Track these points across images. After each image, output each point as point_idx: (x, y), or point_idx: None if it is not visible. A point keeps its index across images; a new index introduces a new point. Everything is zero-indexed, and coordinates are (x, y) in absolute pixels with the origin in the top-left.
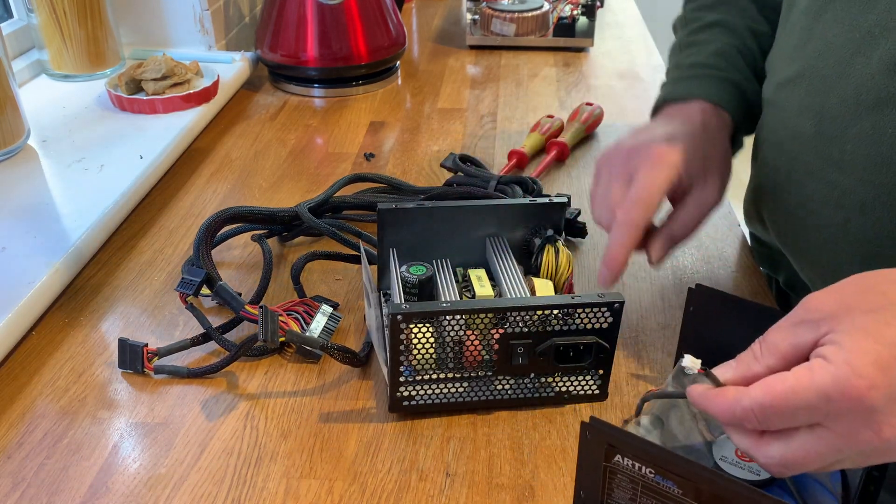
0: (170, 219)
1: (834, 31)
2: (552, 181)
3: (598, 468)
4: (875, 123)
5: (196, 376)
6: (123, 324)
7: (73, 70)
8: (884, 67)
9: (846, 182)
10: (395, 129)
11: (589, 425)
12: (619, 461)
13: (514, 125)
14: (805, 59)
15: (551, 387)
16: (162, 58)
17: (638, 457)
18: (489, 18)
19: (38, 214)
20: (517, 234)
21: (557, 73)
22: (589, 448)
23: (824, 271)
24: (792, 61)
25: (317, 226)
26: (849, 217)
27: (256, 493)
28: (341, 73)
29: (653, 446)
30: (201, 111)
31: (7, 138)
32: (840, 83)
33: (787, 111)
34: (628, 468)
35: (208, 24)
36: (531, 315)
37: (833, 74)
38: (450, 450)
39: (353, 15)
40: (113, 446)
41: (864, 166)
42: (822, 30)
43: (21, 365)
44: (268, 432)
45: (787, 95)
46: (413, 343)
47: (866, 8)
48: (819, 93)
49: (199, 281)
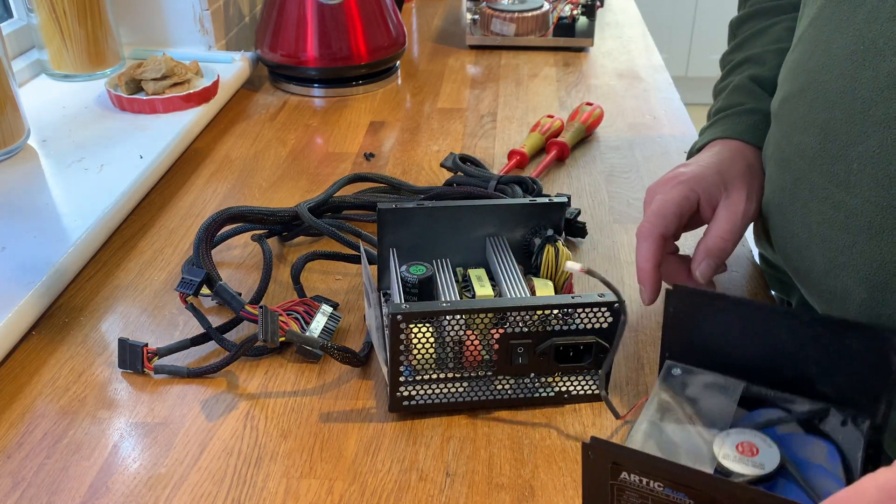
0: (170, 219)
1: (838, 43)
2: (552, 181)
3: (604, 487)
4: (882, 141)
5: (196, 376)
6: (123, 324)
7: (73, 70)
8: (891, 83)
9: (852, 203)
10: (395, 128)
11: (591, 446)
12: (625, 478)
13: (514, 125)
14: (809, 72)
15: (551, 387)
16: (162, 58)
17: (645, 472)
18: (489, 18)
19: (38, 214)
20: (517, 234)
21: (557, 72)
22: (593, 468)
23: (831, 297)
24: (797, 75)
25: (317, 226)
26: (855, 240)
27: (256, 492)
28: (341, 72)
29: (658, 460)
30: (201, 111)
31: (7, 138)
32: (845, 98)
33: (792, 126)
34: (636, 484)
35: (208, 23)
36: (531, 315)
37: (837, 88)
38: (450, 450)
39: (353, 15)
40: (113, 446)
41: (871, 186)
42: (827, 41)
43: (21, 365)
44: (268, 432)
45: (791, 110)
46: (413, 343)
47: (871, 17)
48: (823, 107)
49: (199, 281)
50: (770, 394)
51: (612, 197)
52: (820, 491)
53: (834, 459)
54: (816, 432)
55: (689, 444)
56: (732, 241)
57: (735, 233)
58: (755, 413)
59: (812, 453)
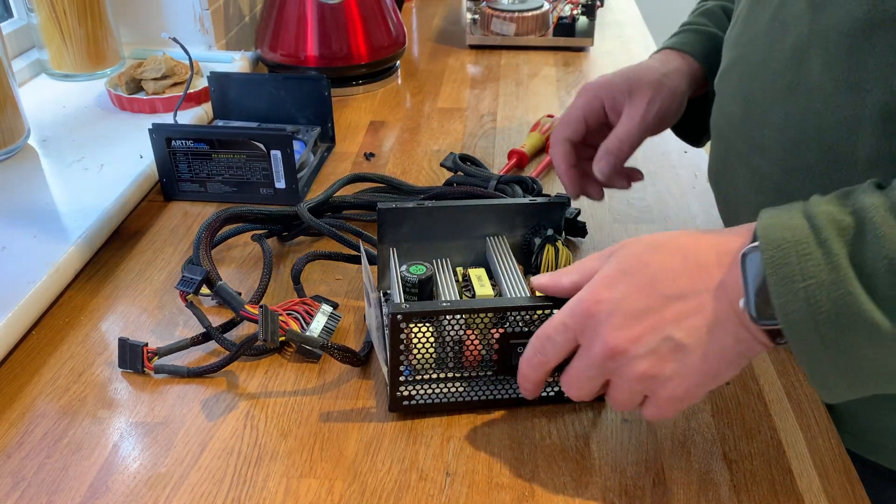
0: (170, 218)
1: (763, 20)
2: (552, 181)
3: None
4: (787, 110)
5: (196, 376)
6: (123, 323)
7: (73, 70)
8: (794, 55)
9: (765, 167)
10: (395, 128)
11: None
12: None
13: (514, 125)
14: (739, 46)
15: (551, 387)
16: (162, 57)
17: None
18: (489, 18)
19: (38, 214)
20: (517, 234)
21: (557, 72)
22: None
23: None
24: (730, 50)
25: (317, 226)
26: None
27: (256, 492)
28: (341, 72)
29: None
30: (201, 111)
31: (7, 138)
32: (762, 70)
33: (724, 98)
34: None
35: (208, 23)
36: (531, 315)
37: (757, 62)
38: (450, 449)
39: (353, 14)
40: (113, 446)
41: (778, 151)
42: (754, 19)
43: (21, 365)
44: (268, 432)
45: (724, 82)
46: (413, 343)
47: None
48: (747, 80)
49: (200, 280)
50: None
51: (612, 196)
52: None
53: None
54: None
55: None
56: (629, 142)
57: (632, 135)
58: None
59: None
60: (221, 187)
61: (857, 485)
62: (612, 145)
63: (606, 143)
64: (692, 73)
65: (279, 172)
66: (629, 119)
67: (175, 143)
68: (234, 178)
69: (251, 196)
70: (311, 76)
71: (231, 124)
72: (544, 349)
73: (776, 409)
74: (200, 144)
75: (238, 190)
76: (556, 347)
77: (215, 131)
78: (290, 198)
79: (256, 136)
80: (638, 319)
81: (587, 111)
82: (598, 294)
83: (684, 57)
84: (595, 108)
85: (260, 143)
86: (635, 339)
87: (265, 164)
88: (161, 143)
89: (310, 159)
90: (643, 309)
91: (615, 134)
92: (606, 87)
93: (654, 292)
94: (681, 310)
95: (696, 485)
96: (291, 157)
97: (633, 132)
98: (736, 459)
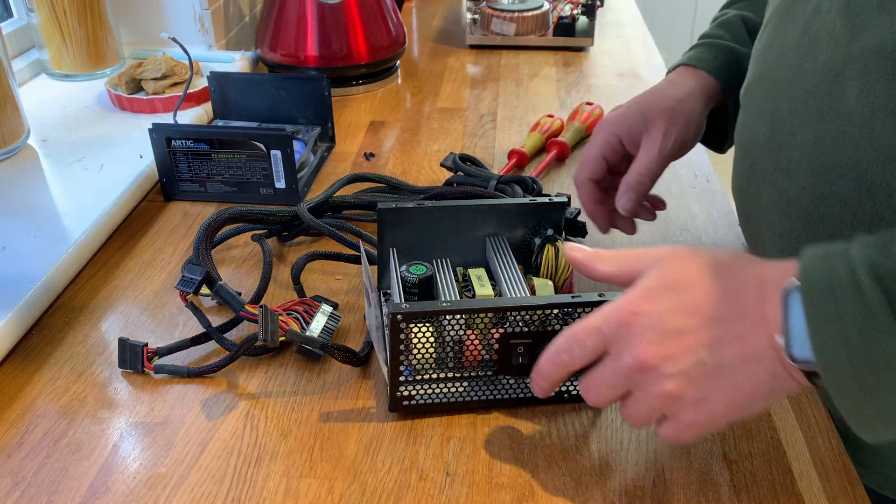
0: (170, 219)
1: (791, 33)
2: (552, 181)
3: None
4: (818, 132)
5: (196, 376)
6: (123, 323)
7: (73, 69)
8: (826, 75)
9: (793, 190)
10: (395, 128)
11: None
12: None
13: (514, 125)
14: (766, 61)
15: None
16: (162, 57)
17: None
18: (489, 18)
19: (38, 214)
20: (517, 234)
21: (557, 72)
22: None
23: None
24: (757, 63)
25: (317, 226)
26: (793, 227)
27: (256, 492)
28: (341, 72)
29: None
30: (201, 111)
31: (7, 138)
32: (791, 88)
33: (750, 112)
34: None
35: (208, 23)
36: (531, 315)
37: (786, 78)
38: (450, 449)
39: (353, 14)
40: (113, 446)
41: (808, 175)
42: (783, 32)
43: (21, 365)
44: (268, 432)
45: (751, 96)
46: (413, 343)
47: (817, 9)
48: (774, 96)
49: (200, 279)
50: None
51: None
52: None
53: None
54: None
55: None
56: (649, 175)
57: (652, 168)
58: None
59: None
60: (221, 187)
61: (857, 485)
62: (633, 181)
63: (626, 180)
64: (708, 90)
65: (279, 172)
66: (647, 154)
67: (175, 142)
68: (234, 178)
69: (251, 196)
70: (311, 76)
71: (231, 124)
72: (571, 350)
73: (776, 409)
74: (200, 144)
75: (238, 190)
76: (585, 351)
77: (215, 131)
78: (290, 198)
79: (256, 136)
80: (674, 338)
81: (605, 150)
82: (638, 305)
83: (699, 73)
84: (613, 145)
85: (260, 143)
86: (668, 356)
87: (265, 164)
88: (161, 143)
89: (310, 159)
90: (681, 328)
91: (634, 169)
92: (621, 123)
93: (696, 314)
94: (719, 335)
95: (696, 485)
96: (291, 157)
97: (651, 167)
98: (736, 459)
